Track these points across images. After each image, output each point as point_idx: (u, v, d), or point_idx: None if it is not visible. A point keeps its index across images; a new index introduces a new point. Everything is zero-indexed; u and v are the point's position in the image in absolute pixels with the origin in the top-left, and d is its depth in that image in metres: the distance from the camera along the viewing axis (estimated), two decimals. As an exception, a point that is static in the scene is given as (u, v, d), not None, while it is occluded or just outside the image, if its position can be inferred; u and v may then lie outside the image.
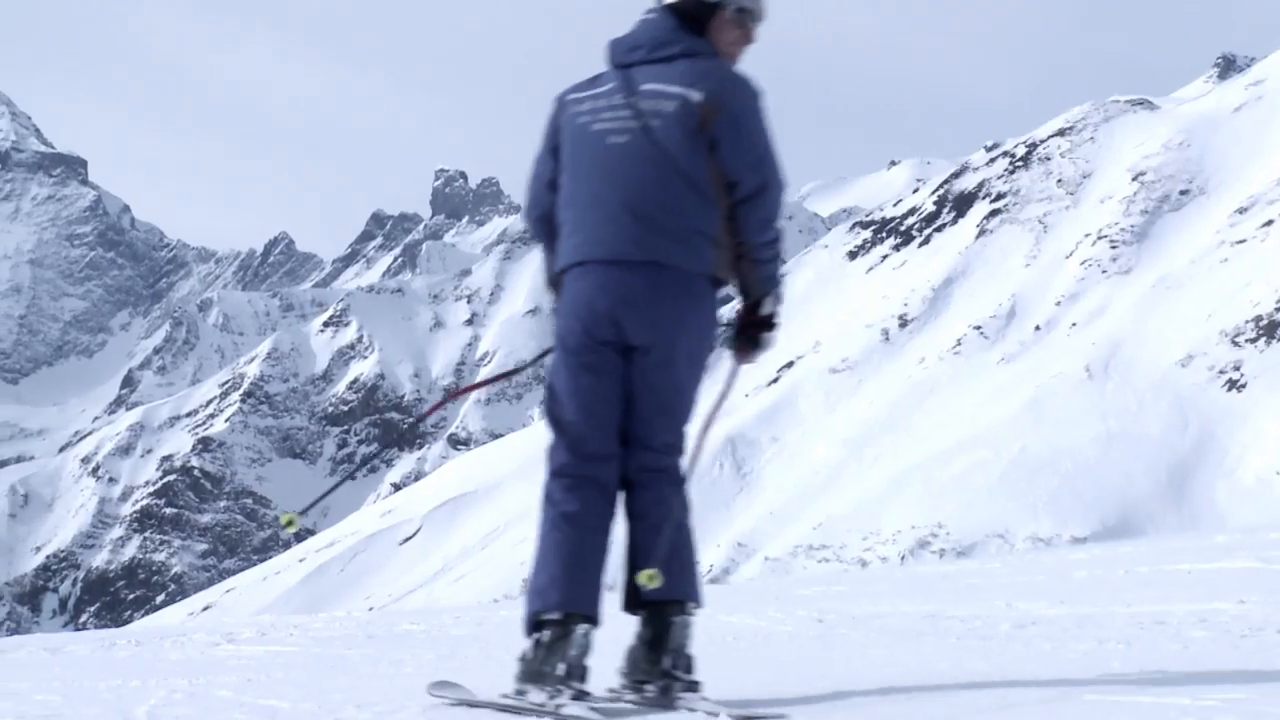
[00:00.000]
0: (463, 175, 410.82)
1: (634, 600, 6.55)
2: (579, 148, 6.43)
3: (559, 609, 6.28)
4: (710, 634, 10.66)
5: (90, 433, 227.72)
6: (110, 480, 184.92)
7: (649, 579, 6.03)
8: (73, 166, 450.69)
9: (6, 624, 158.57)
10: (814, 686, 7.97)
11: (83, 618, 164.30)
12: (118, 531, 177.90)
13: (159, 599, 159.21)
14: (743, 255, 6.62)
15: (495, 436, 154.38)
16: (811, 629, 11.75)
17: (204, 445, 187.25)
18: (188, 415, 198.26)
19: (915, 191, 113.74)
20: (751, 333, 6.89)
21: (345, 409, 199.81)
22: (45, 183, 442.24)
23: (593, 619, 6.31)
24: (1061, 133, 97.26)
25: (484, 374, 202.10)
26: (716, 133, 6.26)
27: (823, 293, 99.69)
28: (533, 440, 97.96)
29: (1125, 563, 18.28)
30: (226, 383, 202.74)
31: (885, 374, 78.94)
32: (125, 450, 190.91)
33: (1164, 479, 58.68)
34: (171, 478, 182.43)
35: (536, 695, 6.13)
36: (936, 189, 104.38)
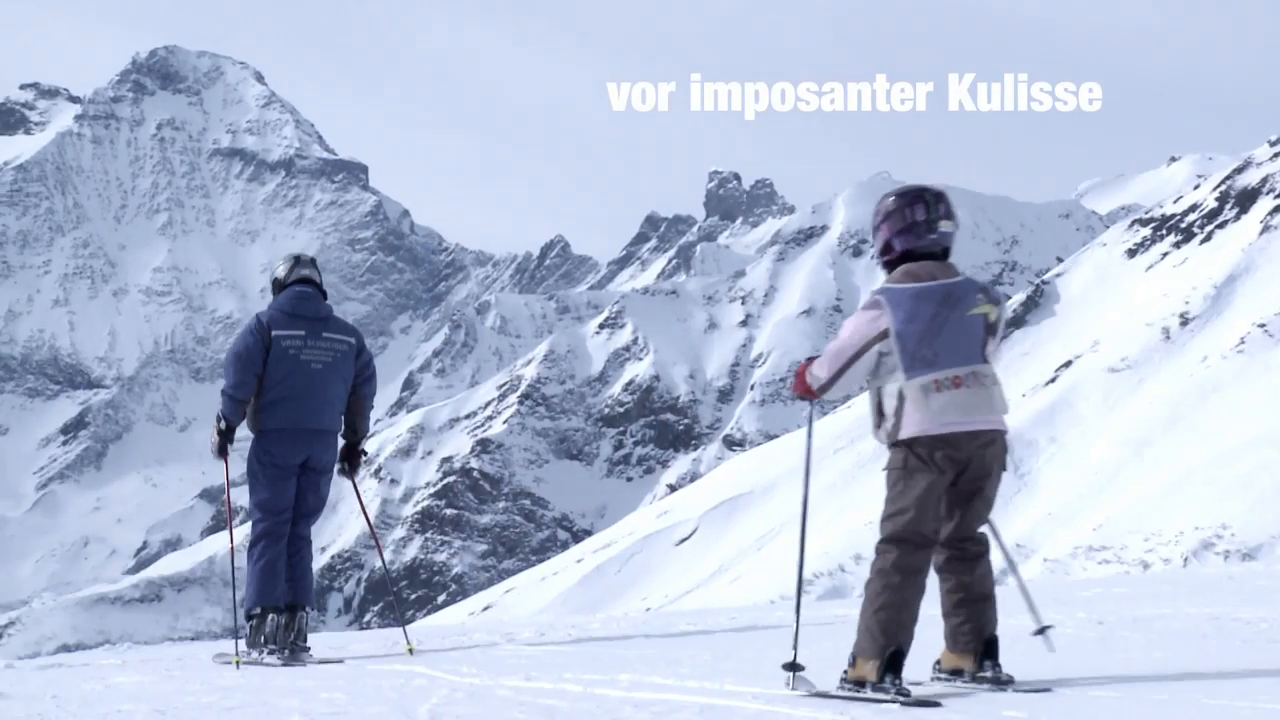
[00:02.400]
0: (736, 177, 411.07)
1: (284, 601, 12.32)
2: (291, 367, 12.33)
3: (258, 605, 12.24)
4: (987, 636, 10.59)
5: (372, 434, 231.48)
6: (392, 482, 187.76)
7: (408, 650, 12.76)
8: (354, 172, 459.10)
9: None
10: (1090, 685, 7.87)
11: (366, 617, 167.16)
12: (400, 532, 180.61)
13: (440, 599, 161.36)
14: (357, 414, 13.03)
15: (770, 437, 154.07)
16: (1092, 631, 11.61)
17: (483, 447, 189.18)
18: (467, 417, 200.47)
19: (1196, 188, 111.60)
20: (356, 460, 13.15)
21: (621, 410, 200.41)
22: (328, 189, 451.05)
23: (279, 610, 12.21)
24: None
25: (758, 376, 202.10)
26: (362, 359, 12.87)
27: (1101, 291, 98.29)
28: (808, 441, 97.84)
29: None
30: (504, 385, 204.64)
31: (1166, 373, 77.47)
32: (406, 452, 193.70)
33: None
34: (451, 479, 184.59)
35: (256, 653, 12.15)
36: (1218, 185, 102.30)
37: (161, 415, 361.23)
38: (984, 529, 8.56)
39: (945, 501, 8.20)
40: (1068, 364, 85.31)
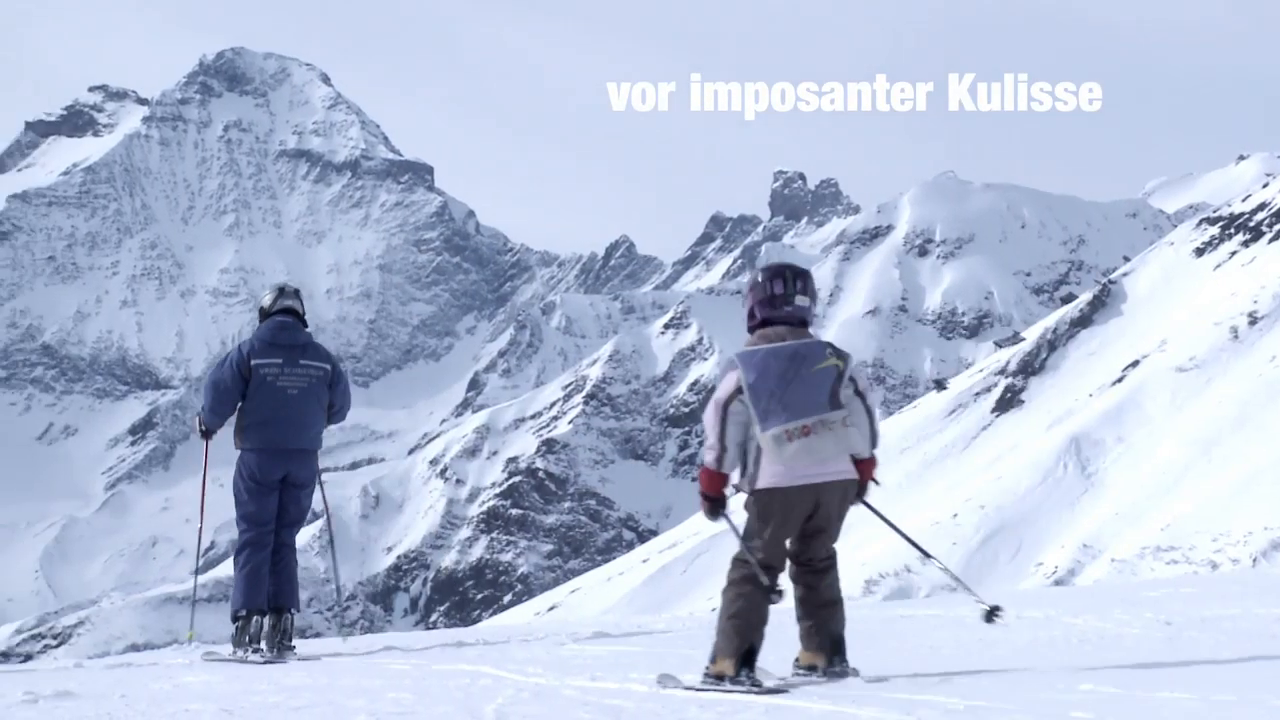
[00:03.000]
0: (801, 176, 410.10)
1: (270, 604, 13.69)
2: (268, 392, 13.84)
3: (244, 608, 13.61)
4: (1053, 637, 10.53)
5: (438, 435, 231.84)
6: (458, 482, 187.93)
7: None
8: (420, 173, 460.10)
9: (360, 623, 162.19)
10: (1158, 686, 7.83)
11: (433, 617, 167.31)
12: (465, 532, 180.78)
13: (506, 599, 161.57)
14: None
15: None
16: (1159, 631, 11.55)
17: (548, 447, 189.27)
18: (532, 417, 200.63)
19: (1265, 186, 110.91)
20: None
21: (686, 410, 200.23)
22: (393, 189, 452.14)
23: (264, 612, 13.58)
24: None
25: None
26: (335, 380, 14.22)
27: (1168, 290, 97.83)
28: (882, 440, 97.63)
29: None
30: (569, 385, 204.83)
31: (1235, 372, 77.01)
32: (472, 452, 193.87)
33: None
34: (517, 479, 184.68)
35: (241, 652, 13.44)
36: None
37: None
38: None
39: (794, 536, 9.21)
40: (1135, 364, 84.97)
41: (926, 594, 58.98)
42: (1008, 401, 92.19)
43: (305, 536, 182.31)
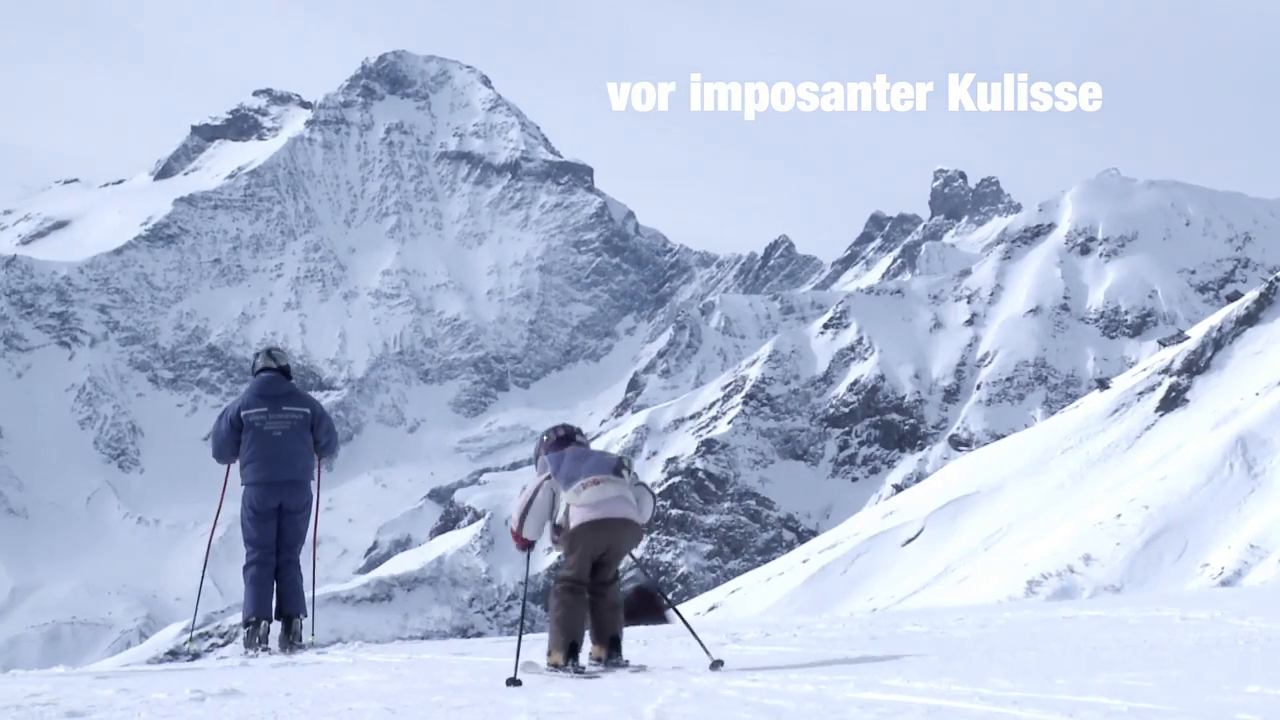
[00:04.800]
0: (961, 175, 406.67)
1: (280, 612, 16.72)
2: (258, 435, 16.59)
3: (254, 615, 16.52)
4: (1219, 639, 10.42)
5: (598, 435, 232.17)
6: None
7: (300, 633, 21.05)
8: (579, 174, 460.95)
9: (522, 623, 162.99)
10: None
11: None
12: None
13: (667, 598, 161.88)
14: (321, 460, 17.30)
15: (997, 437, 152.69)
16: (1329, 633, 11.38)
17: (708, 447, 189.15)
18: (691, 418, 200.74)
19: None
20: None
21: (846, 410, 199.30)
22: (553, 191, 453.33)
23: (269, 619, 16.60)
24: None
25: (984, 375, 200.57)
26: (317, 421, 17.08)
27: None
28: (1036, 441, 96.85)
29: None
30: (729, 385, 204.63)
31: (1406, 368, 75.79)
32: (631, 452, 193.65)
33: None
34: (677, 479, 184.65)
35: (250, 652, 16.16)
36: None
37: (391, 416, 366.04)
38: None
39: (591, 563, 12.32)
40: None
41: (1090, 594, 58.45)
42: (1172, 401, 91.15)
43: (467, 537, 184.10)
